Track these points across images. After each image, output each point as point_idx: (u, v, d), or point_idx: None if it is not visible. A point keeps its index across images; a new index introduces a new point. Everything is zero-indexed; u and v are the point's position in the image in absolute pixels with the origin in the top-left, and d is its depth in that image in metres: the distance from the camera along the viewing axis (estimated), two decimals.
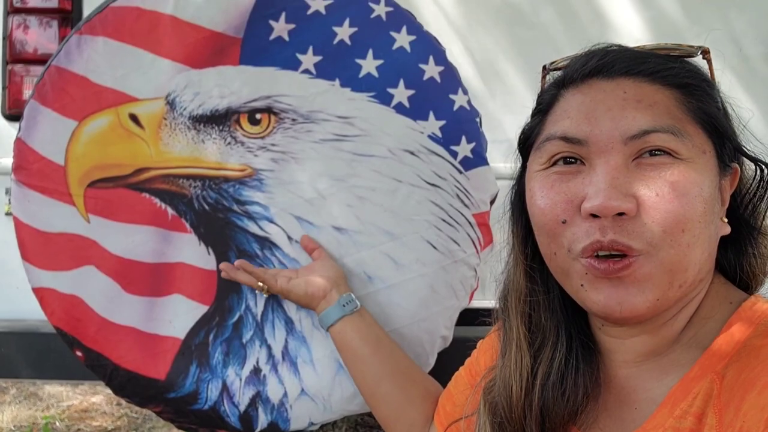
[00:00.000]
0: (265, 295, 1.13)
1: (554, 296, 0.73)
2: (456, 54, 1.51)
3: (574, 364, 0.70)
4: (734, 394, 0.58)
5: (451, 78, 1.15)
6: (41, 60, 1.59)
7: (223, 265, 1.12)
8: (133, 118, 1.11)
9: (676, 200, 0.61)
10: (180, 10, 1.09)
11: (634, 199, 0.61)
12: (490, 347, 0.87)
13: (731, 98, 0.70)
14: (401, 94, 1.13)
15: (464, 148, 1.14)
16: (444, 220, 1.15)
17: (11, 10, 1.63)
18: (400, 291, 1.15)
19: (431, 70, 1.14)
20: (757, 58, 1.59)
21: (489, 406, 0.75)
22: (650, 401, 0.66)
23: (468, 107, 1.15)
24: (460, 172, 1.15)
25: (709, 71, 0.69)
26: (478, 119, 1.17)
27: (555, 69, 0.72)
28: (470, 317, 1.22)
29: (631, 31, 1.58)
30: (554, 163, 0.67)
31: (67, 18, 1.60)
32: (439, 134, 1.14)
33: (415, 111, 1.14)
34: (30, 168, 1.11)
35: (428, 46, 1.14)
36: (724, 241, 0.68)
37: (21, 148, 1.11)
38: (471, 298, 1.21)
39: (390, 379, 1.02)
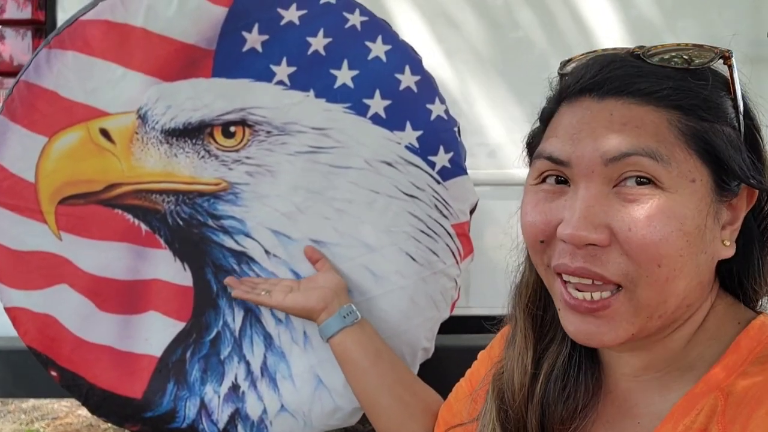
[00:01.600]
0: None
1: None
2: (433, 60, 1.49)
3: (577, 361, 0.71)
4: (740, 412, 0.57)
5: (428, 87, 1.14)
6: (16, 72, 1.56)
7: (229, 279, 1.11)
8: (104, 133, 1.09)
9: (649, 236, 0.59)
10: (150, 23, 1.07)
11: (606, 230, 0.60)
12: (491, 358, 0.86)
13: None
14: (377, 104, 1.12)
15: (442, 158, 1.13)
16: (423, 231, 1.14)
17: None
18: (380, 303, 1.13)
19: (407, 79, 1.12)
20: (736, 61, 1.59)
21: (497, 392, 0.75)
22: (653, 416, 0.65)
23: (446, 117, 1.14)
24: (439, 183, 1.13)
25: (729, 79, 0.63)
26: (456, 128, 1.16)
27: (563, 74, 0.70)
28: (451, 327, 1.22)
29: (612, 34, 1.58)
30: (544, 180, 0.66)
31: (40, 29, 1.57)
32: (417, 144, 1.13)
33: (391, 121, 1.12)
34: (0, 185, 1.08)
35: (404, 55, 1.13)
36: (730, 260, 0.65)
37: None
38: (452, 309, 1.19)
39: (390, 391, 1.01)
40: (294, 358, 1.13)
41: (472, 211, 1.18)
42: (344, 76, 1.11)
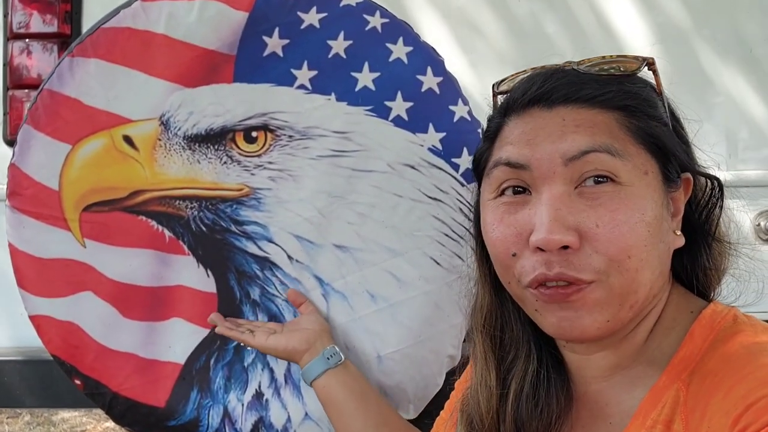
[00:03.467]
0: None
1: (522, 310, 0.73)
2: (455, 63, 1.48)
3: (545, 376, 0.71)
4: (699, 400, 0.60)
5: (451, 89, 1.12)
6: None
7: (213, 316, 1.10)
8: (128, 140, 1.09)
9: (617, 229, 0.62)
10: (172, 29, 1.07)
11: (575, 232, 0.62)
12: (463, 384, 0.85)
13: (681, 108, 0.70)
14: (399, 106, 1.10)
15: (466, 160, 1.11)
16: (447, 235, 1.12)
17: (11, 36, 1.63)
18: (405, 309, 1.11)
19: (429, 81, 1.11)
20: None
21: (465, 419, 0.75)
22: (623, 414, 0.67)
23: (469, 118, 1.13)
24: (463, 185, 1.11)
25: (656, 82, 0.69)
26: (479, 130, 1.13)
27: (501, 93, 0.73)
28: None
29: (636, 37, 1.55)
30: (502, 192, 0.68)
31: (66, 42, 1.59)
32: (440, 147, 1.11)
33: (414, 124, 1.11)
34: (24, 193, 1.09)
35: (426, 56, 1.12)
36: (679, 252, 0.68)
37: (15, 173, 1.09)
38: None
39: None
40: None
41: None
42: (365, 78, 1.10)
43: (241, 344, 1.11)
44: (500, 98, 0.74)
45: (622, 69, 0.67)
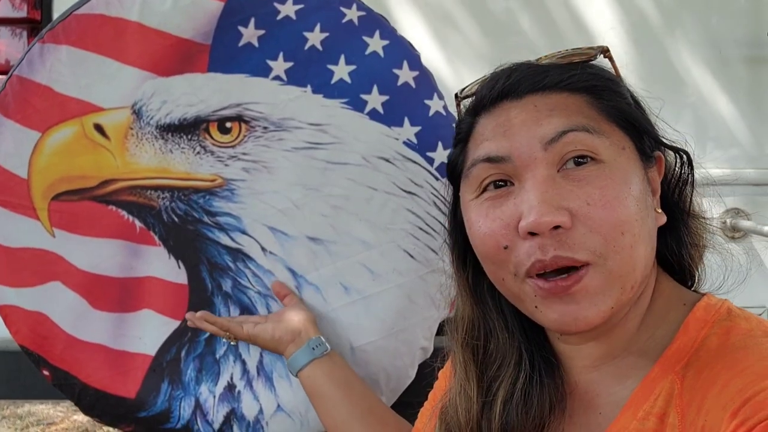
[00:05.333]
0: (232, 343, 1.10)
1: (509, 317, 0.73)
2: (431, 58, 1.48)
3: (538, 381, 0.70)
4: (696, 394, 0.59)
5: (426, 83, 1.13)
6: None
7: (188, 315, 1.08)
8: (99, 128, 1.07)
9: (608, 205, 0.61)
10: (146, 17, 1.06)
11: (566, 212, 0.61)
12: (448, 376, 0.84)
13: (639, 90, 0.71)
14: (375, 100, 1.10)
15: (441, 154, 1.12)
16: (421, 229, 1.12)
17: None
18: (378, 302, 1.12)
19: (405, 75, 1.11)
20: (736, 61, 1.58)
21: (445, 428, 0.75)
22: (614, 405, 0.66)
23: (444, 113, 1.13)
24: (437, 179, 1.12)
25: (613, 69, 0.70)
26: (454, 124, 1.14)
27: (465, 97, 0.74)
28: None
29: (609, 35, 1.57)
30: (484, 189, 0.67)
31: (36, 28, 1.56)
32: (415, 140, 1.11)
33: (389, 117, 1.11)
34: None
35: (402, 50, 1.12)
36: (663, 232, 0.68)
37: None
38: (451, 309, 1.18)
39: (361, 422, 0.99)
40: None
41: None
42: (341, 71, 1.10)
43: (213, 336, 1.11)
44: (464, 104, 0.74)
45: (584, 55, 0.69)
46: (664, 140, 0.69)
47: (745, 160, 1.58)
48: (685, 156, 0.70)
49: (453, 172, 0.74)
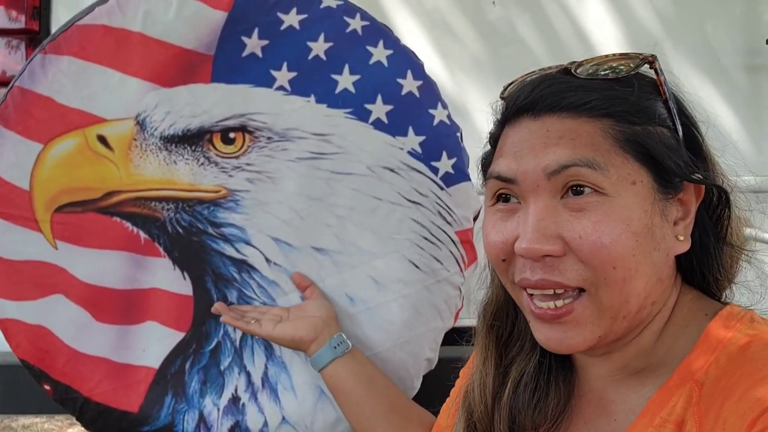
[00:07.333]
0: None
1: None
2: (434, 68, 1.48)
3: (547, 367, 0.72)
4: (714, 402, 0.59)
5: (430, 92, 1.12)
6: (8, 83, 1.54)
7: (217, 304, 1.08)
8: (102, 139, 1.06)
9: (599, 240, 0.62)
10: (148, 28, 1.05)
11: (560, 241, 0.63)
12: (471, 367, 0.85)
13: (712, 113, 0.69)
14: (379, 109, 1.10)
15: (445, 164, 1.12)
16: (426, 239, 1.12)
17: None
18: (383, 312, 1.11)
19: (409, 84, 1.11)
20: (735, 69, 1.59)
21: (466, 407, 0.77)
22: (629, 412, 0.67)
23: (448, 122, 1.13)
24: (442, 189, 1.12)
25: (657, 81, 0.67)
26: (458, 134, 1.14)
27: (502, 98, 0.74)
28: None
29: (608, 43, 1.58)
30: (498, 200, 0.70)
31: (34, 39, 1.55)
32: (419, 150, 1.11)
33: (393, 127, 1.10)
34: None
35: (406, 60, 1.12)
36: (691, 251, 0.67)
37: None
38: (456, 319, 1.17)
39: (386, 418, 0.99)
40: (295, 368, 1.10)
41: (475, 218, 1.16)
42: (345, 81, 1.10)
43: (218, 347, 1.10)
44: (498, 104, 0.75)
45: (617, 70, 0.66)
46: (692, 177, 0.65)
47: (743, 167, 1.58)
48: (717, 192, 0.67)
49: (484, 168, 0.76)
